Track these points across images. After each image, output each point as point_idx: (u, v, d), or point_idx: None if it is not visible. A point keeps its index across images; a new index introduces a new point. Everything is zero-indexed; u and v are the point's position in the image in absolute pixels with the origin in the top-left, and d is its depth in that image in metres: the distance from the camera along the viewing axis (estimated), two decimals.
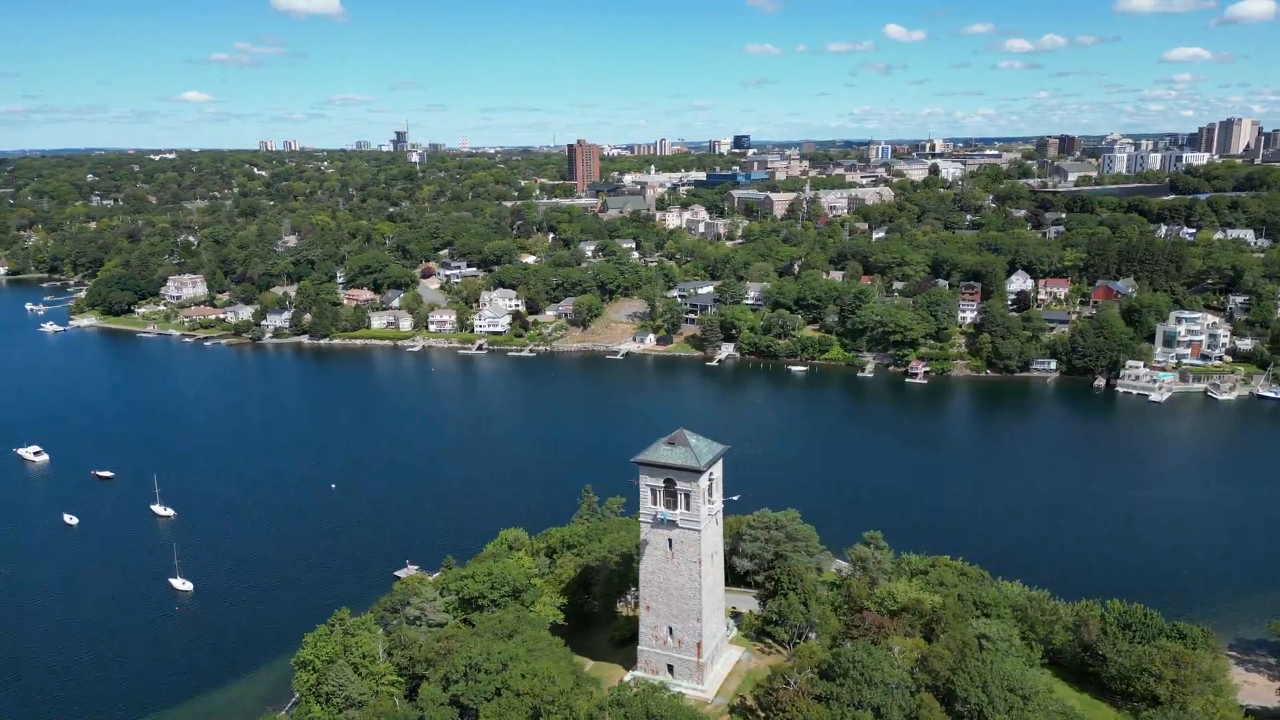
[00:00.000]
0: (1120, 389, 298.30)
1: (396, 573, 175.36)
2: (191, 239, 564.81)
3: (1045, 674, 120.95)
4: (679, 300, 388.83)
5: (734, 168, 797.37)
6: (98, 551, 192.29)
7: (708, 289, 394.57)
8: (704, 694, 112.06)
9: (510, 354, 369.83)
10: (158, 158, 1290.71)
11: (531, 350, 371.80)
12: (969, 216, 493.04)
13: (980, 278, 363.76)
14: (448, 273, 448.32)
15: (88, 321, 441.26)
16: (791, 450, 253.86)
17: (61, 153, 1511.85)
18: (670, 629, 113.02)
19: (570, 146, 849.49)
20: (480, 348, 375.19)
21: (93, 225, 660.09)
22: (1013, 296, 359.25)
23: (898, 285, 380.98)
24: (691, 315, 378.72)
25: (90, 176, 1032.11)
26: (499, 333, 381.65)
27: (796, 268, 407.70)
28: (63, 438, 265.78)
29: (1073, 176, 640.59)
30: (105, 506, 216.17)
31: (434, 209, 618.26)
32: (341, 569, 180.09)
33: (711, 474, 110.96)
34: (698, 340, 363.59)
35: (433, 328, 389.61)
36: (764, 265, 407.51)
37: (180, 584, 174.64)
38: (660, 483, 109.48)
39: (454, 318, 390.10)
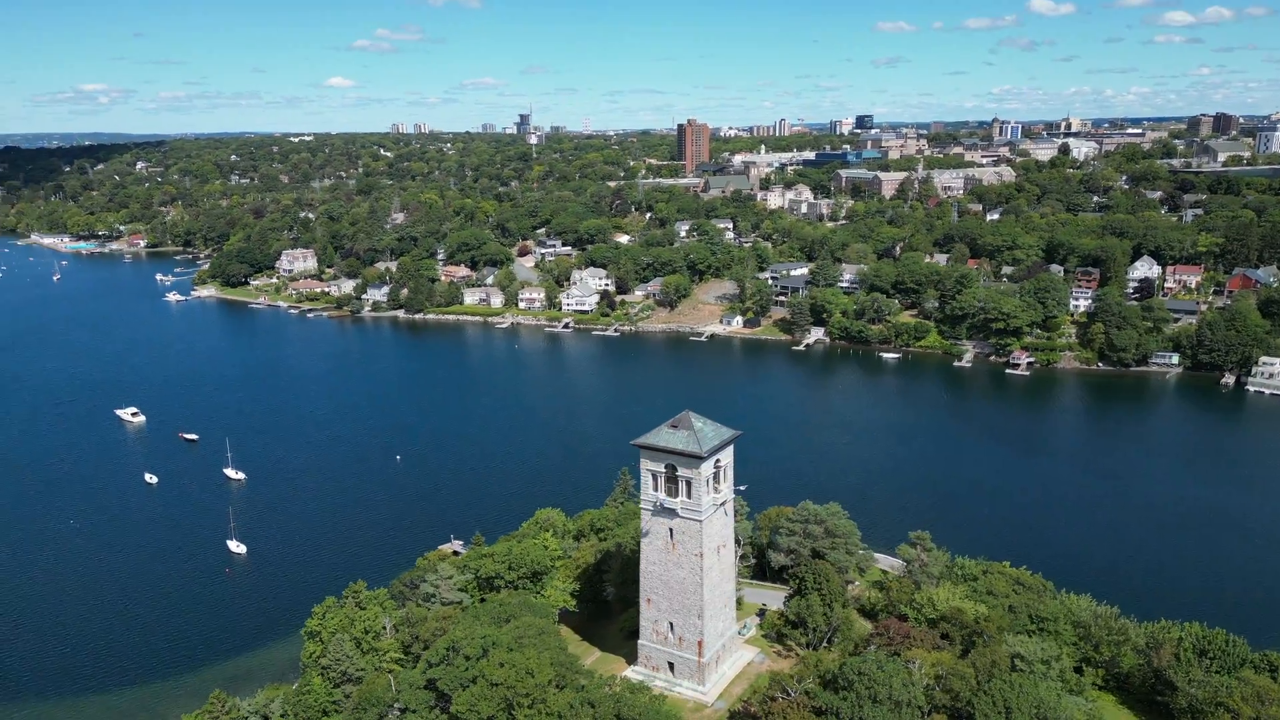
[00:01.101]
0: (1251, 388, 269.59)
1: (441, 547, 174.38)
2: (310, 215, 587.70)
3: (1101, 700, 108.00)
4: (770, 282, 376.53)
5: (844, 147, 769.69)
6: (168, 510, 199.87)
7: (801, 271, 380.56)
8: (703, 696, 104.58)
9: (595, 333, 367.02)
10: (296, 139, 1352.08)
11: (616, 330, 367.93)
12: (1095, 198, 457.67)
13: (1099, 263, 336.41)
14: (543, 251, 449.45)
15: (207, 292, 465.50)
16: (868, 440, 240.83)
17: (217, 136, 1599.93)
18: (671, 624, 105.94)
19: (680, 126, 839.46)
20: (566, 326, 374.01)
21: (225, 202, 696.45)
22: (1134, 284, 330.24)
23: (1007, 270, 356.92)
24: (781, 298, 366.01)
25: (233, 157, 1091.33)
26: (586, 311, 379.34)
27: (898, 250, 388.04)
28: (162, 401, 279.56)
29: (1222, 157, 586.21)
30: (184, 467, 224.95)
31: (541, 189, 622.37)
32: (389, 541, 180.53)
33: (718, 461, 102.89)
34: (786, 324, 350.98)
35: (522, 305, 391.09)
36: (862, 247, 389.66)
37: (235, 546, 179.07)
38: (661, 468, 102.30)
39: (543, 295, 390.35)
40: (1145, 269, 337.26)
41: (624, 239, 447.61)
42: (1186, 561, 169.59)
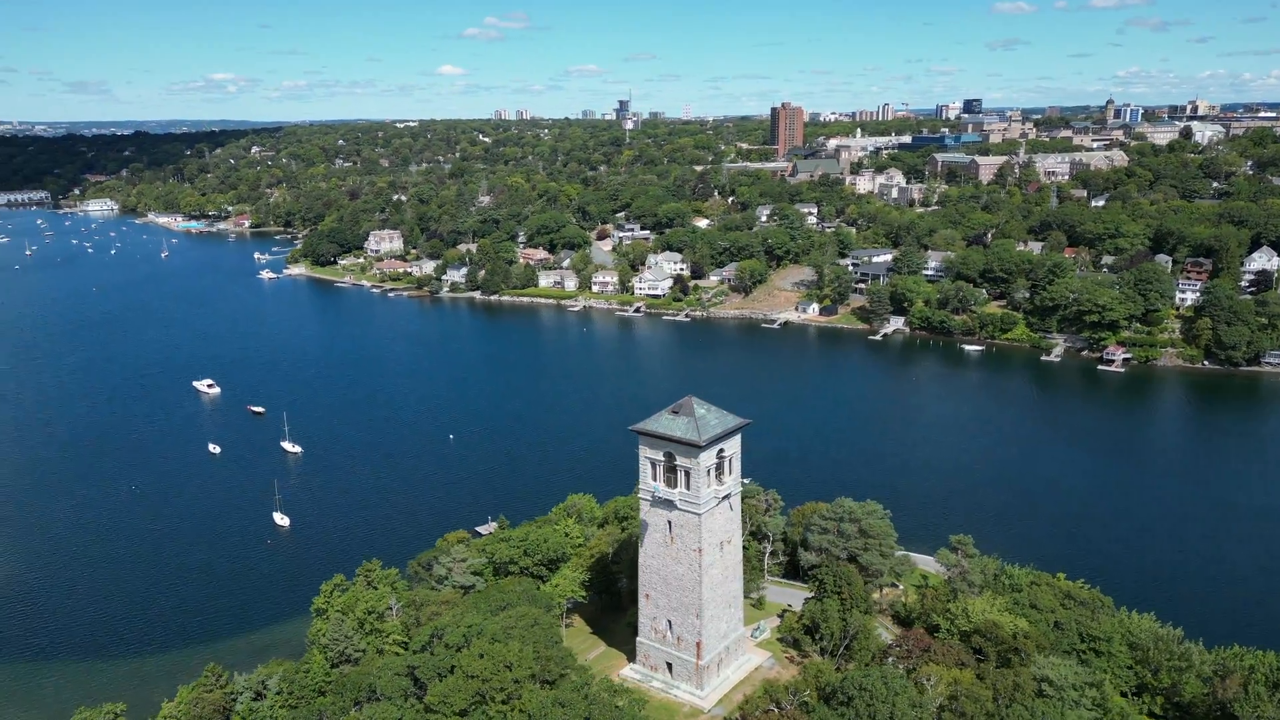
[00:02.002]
0: None
1: (478, 528, 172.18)
2: (402, 198, 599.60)
3: None
4: (850, 269, 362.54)
5: (942, 130, 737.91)
6: (224, 480, 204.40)
7: (884, 257, 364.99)
8: (700, 701, 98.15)
9: (665, 318, 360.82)
10: (401, 125, 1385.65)
11: (687, 315, 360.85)
12: (1215, 184, 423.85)
13: (1212, 253, 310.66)
14: (621, 234, 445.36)
15: (298, 270, 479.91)
16: (937, 437, 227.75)
17: (331, 123, 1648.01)
18: (669, 623, 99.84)
19: (774, 109, 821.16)
20: (637, 310, 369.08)
21: (324, 184, 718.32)
22: (1250, 276, 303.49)
23: (1107, 259, 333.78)
24: (861, 285, 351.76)
25: (340, 142, 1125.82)
26: (658, 296, 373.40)
27: (989, 237, 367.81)
28: (238, 374, 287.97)
29: None
30: (247, 439, 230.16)
31: (627, 173, 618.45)
32: (428, 520, 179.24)
33: (722, 451, 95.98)
34: (864, 312, 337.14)
35: (595, 288, 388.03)
36: (951, 233, 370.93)
37: (279, 518, 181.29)
38: (660, 456, 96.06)
39: (615, 279, 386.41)
40: (1264, 260, 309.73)
41: (703, 223, 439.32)
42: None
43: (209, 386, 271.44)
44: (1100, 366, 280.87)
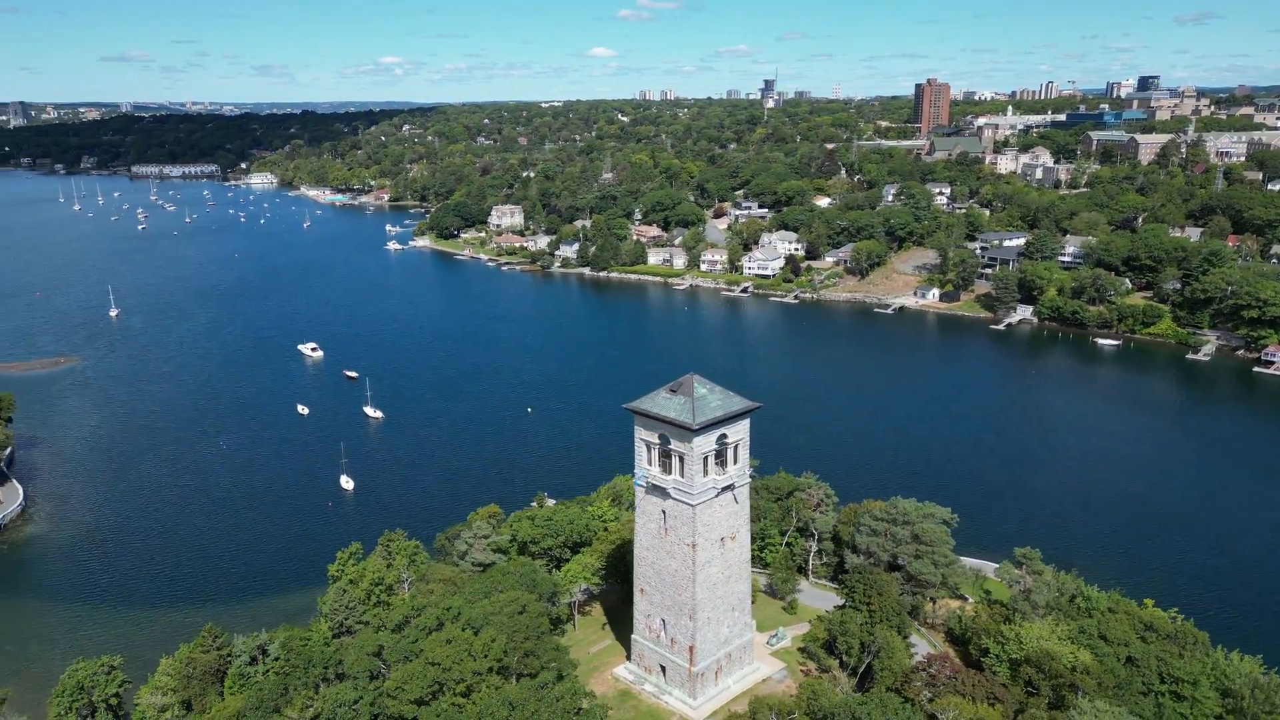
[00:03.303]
0: None
1: (533, 503, 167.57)
2: (530, 175, 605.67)
3: None
4: (978, 252, 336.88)
5: (1102, 106, 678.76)
6: (304, 441, 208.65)
7: (1016, 241, 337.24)
8: (691, 711, 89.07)
9: (773, 299, 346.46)
10: (546, 106, 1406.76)
11: (796, 297, 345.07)
12: None
13: None
14: (737, 212, 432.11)
15: (423, 242, 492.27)
16: (1043, 438, 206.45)
17: (485, 104, 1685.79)
18: (663, 622, 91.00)
19: (918, 86, 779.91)
20: (744, 290, 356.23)
21: (458, 160, 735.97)
22: None
23: (1278, 249, 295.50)
24: (988, 270, 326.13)
25: (485, 121, 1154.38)
26: (767, 276, 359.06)
27: (1139, 221, 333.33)
28: (343, 339, 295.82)
29: None
30: (335, 402, 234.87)
31: (755, 151, 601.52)
32: (489, 491, 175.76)
33: (724, 437, 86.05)
34: (988, 299, 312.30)
35: (704, 267, 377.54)
36: (1094, 216, 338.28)
37: (345, 482, 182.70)
38: (655, 438, 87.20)
39: (724, 258, 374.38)
40: None
41: (824, 202, 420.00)
42: None
43: (313, 350, 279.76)
44: (1257, 369, 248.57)
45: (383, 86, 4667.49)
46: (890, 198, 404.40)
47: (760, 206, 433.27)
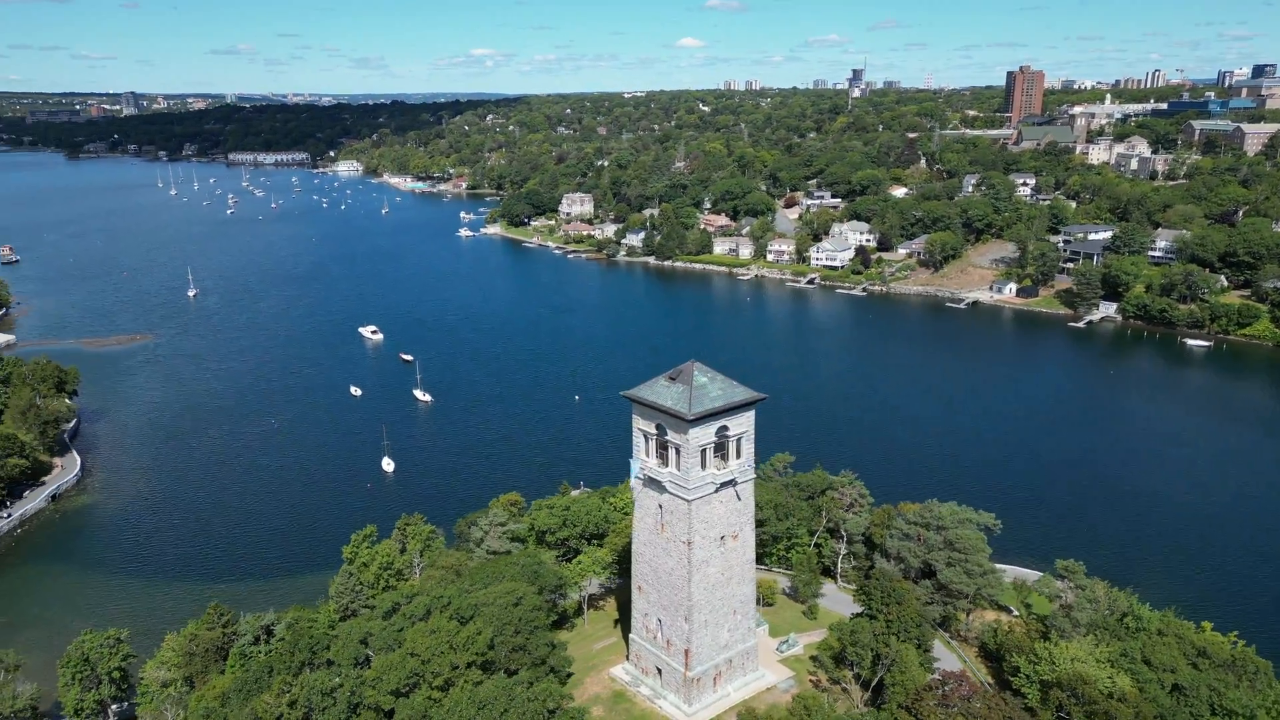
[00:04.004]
0: None
1: (574, 492, 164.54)
2: (604, 163, 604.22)
3: None
4: (1060, 246, 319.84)
5: (1208, 95, 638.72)
6: (353, 421, 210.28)
7: (1102, 234, 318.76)
8: (685, 718, 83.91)
9: (840, 291, 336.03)
10: (628, 96, 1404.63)
11: (864, 289, 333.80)
12: None
13: None
14: (809, 202, 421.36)
15: (493, 230, 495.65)
16: (1110, 444, 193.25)
17: (571, 95, 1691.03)
18: (660, 622, 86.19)
19: (1009, 74, 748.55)
20: (811, 281, 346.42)
21: (535, 149, 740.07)
22: None
23: None
24: (1070, 264, 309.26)
25: (567, 111, 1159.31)
26: (835, 267, 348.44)
27: (1240, 215, 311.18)
28: (404, 322, 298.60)
29: None
30: (388, 384, 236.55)
31: (832, 140, 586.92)
32: (523, 478, 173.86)
33: (725, 429, 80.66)
34: (1069, 295, 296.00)
35: (770, 257, 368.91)
36: (1189, 209, 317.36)
37: (386, 464, 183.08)
38: (652, 428, 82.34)
39: (792, 248, 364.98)
40: None
41: (900, 192, 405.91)
42: None
43: (373, 333, 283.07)
44: None
45: (474, 78, 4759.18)
46: (970, 188, 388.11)
47: (833, 196, 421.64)
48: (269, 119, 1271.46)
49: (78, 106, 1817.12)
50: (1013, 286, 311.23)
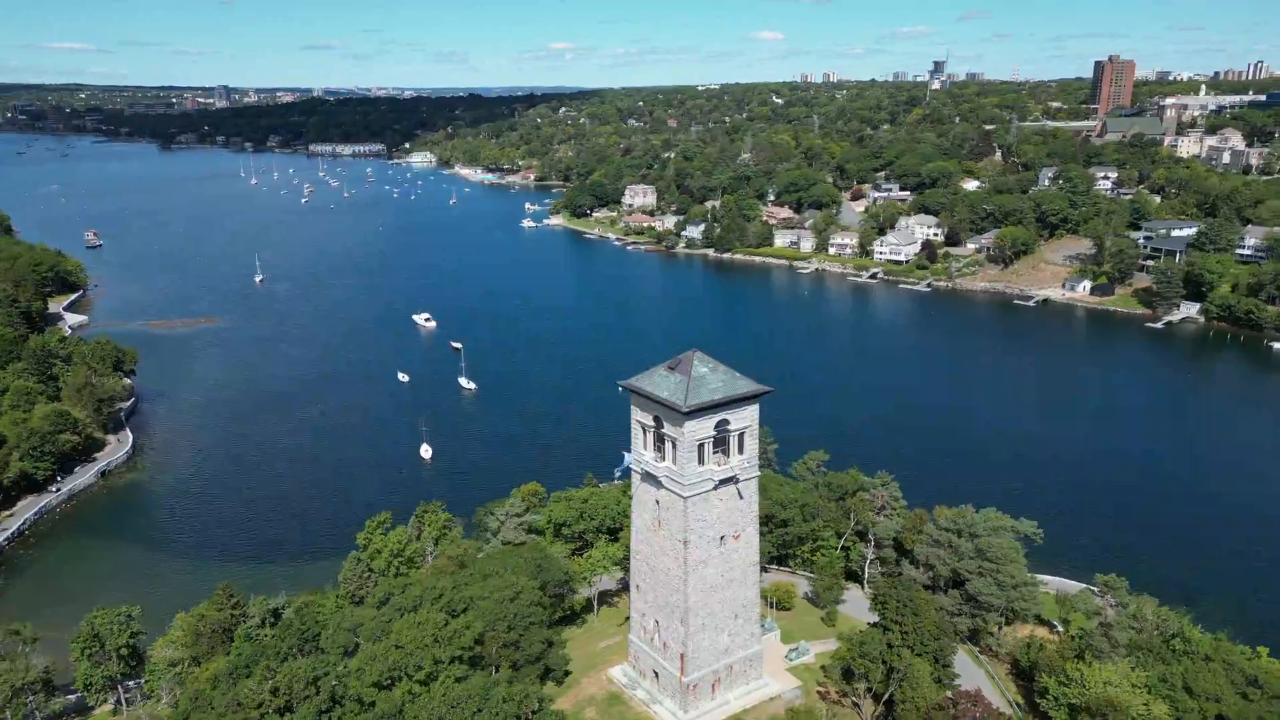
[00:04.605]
0: None
1: (615, 482, 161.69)
2: (670, 155, 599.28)
3: None
4: (1139, 242, 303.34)
5: None
6: (397, 408, 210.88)
7: (1187, 230, 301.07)
8: None
9: (903, 286, 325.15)
10: (702, 89, 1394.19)
11: (928, 285, 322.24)
12: None
13: None
14: (876, 195, 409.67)
15: (556, 221, 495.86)
16: (1197, 451, 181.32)
17: (646, 88, 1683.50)
18: (657, 623, 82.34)
19: (1097, 64, 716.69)
20: (873, 276, 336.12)
21: (602, 141, 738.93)
22: None
23: None
24: (1150, 261, 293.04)
25: (639, 104, 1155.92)
26: (899, 262, 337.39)
27: None
28: (459, 311, 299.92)
29: None
30: (435, 372, 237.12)
31: (904, 131, 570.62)
32: (558, 469, 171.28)
33: (725, 423, 76.54)
34: (1147, 294, 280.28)
35: (832, 250, 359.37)
36: None
37: (424, 451, 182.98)
38: (650, 420, 78.43)
39: (855, 241, 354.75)
40: None
41: (971, 184, 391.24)
42: None
43: (426, 320, 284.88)
44: None
45: (552, 72, 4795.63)
46: (1046, 181, 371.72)
47: (902, 189, 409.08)
48: (349, 111, 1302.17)
49: (174, 100, 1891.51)
50: (1087, 284, 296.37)
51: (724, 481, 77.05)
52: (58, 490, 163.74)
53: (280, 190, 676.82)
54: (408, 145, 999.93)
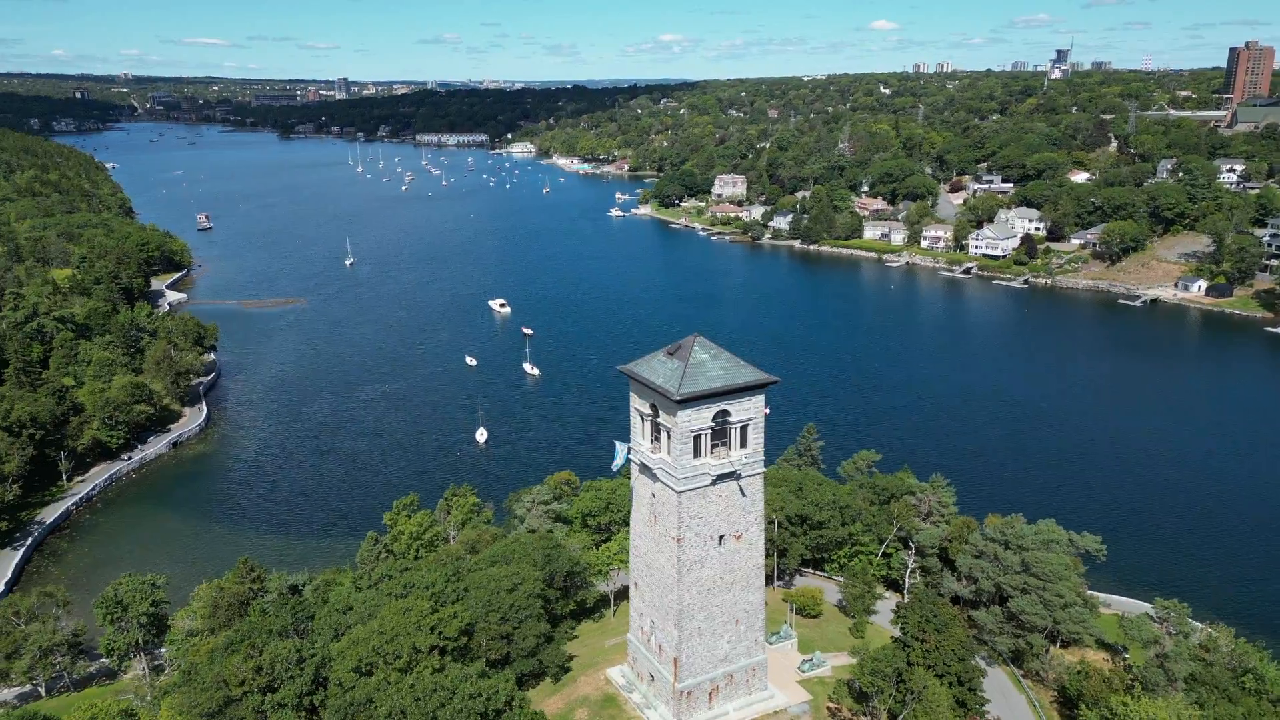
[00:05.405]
0: None
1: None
2: (765, 145, 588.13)
3: None
4: (1265, 240, 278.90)
5: None
6: (459, 392, 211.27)
7: None
8: None
9: (997, 282, 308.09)
10: (807, 80, 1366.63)
11: (1025, 281, 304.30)
12: None
13: None
14: (977, 186, 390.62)
15: (644, 210, 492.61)
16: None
17: (752, 79, 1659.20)
18: (653, 624, 77.62)
19: (1232, 51, 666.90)
20: (966, 271, 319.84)
21: (697, 130, 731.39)
22: None
23: None
24: (1275, 260, 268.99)
25: (741, 95, 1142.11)
26: (995, 256, 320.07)
27: None
28: (536, 298, 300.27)
29: None
30: (504, 356, 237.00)
31: (1011, 122, 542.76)
32: (599, 457, 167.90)
33: (725, 414, 71.23)
34: (1269, 297, 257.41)
35: (924, 244, 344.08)
36: None
37: (480, 434, 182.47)
38: (647, 408, 73.61)
39: (949, 235, 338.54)
40: None
41: (1081, 177, 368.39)
42: None
43: (501, 306, 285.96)
44: None
45: (660, 64, 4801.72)
46: (1164, 174, 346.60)
47: (1005, 180, 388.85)
48: (457, 103, 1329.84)
49: (298, 92, 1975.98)
50: (1202, 284, 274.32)
51: (723, 477, 71.51)
52: (129, 459, 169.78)
53: (383, 178, 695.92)
54: (509, 135, 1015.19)
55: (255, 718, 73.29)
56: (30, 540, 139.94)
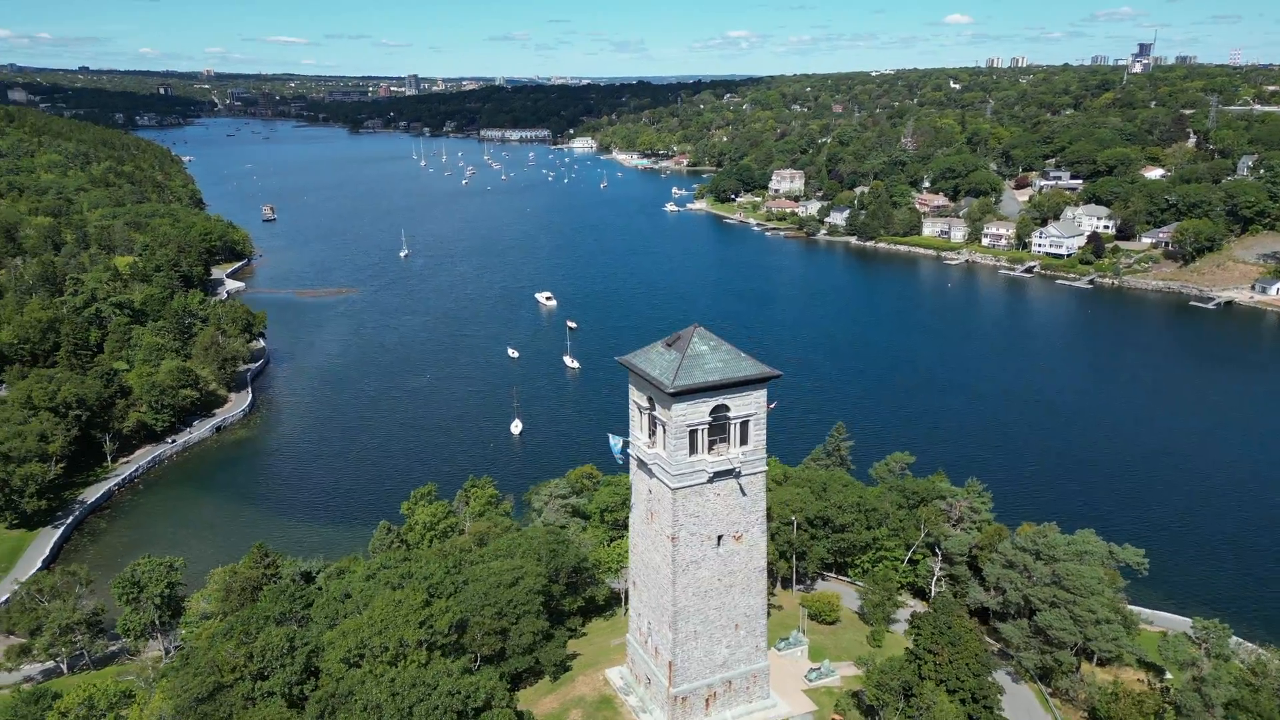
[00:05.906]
0: None
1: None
2: (826, 140, 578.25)
3: None
4: None
5: None
6: (499, 382, 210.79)
7: None
8: None
9: (1061, 282, 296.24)
10: (875, 75, 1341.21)
11: (1091, 282, 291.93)
12: None
13: None
14: (1043, 183, 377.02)
15: (699, 205, 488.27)
16: None
17: (820, 75, 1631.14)
18: (650, 625, 74.85)
19: None
20: (1028, 270, 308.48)
21: (757, 125, 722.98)
22: None
23: None
24: None
25: (807, 89, 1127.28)
26: (1059, 255, 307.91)
27: None
28: (584, 292, 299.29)
29: None
30: (546, 348, 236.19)
31: (1084, 117, 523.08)
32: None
33: (724, 409, 68.18)
34: None
35: (985, 241, 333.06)
36: None
37: (514, 426, 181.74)
38: (644, 401, 70.89)
39: (1011, 232, 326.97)
40: None
41: (1155, 173, 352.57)
42: None
43: (547, 299, 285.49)
44: None
45: (728, 60, 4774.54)
46: (1245, 170, 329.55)
47: (1074, 177, 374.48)
48: (522, 98, 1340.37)
49: (369, 89, 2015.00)
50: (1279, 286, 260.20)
51: (721, 475, 68.30)
52: (172, 441, 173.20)
53: (445, 172, 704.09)
54: (571, 131, 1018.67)
55: (244, 704, 72.68)
56: (71, 519, 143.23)
